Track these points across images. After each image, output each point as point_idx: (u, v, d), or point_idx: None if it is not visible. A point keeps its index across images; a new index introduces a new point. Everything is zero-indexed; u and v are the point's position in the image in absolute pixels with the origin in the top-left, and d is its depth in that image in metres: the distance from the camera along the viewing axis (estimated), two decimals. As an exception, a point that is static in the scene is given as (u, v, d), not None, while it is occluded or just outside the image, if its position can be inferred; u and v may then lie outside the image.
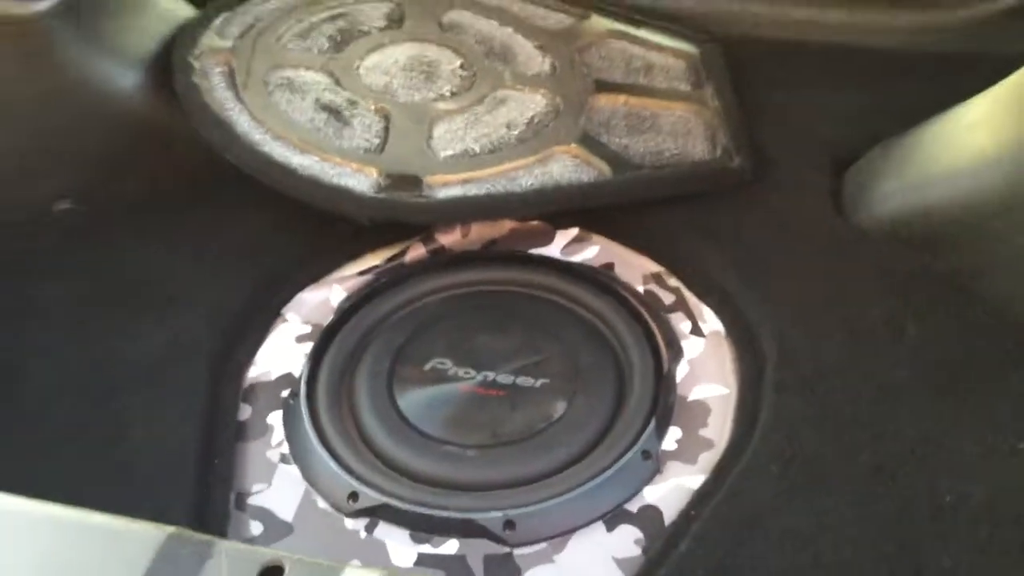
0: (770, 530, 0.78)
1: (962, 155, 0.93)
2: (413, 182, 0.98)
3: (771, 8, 1.25)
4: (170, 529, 0.57)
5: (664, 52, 1.24)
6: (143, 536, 0.57)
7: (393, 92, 1.10)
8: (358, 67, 1.13)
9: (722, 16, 1.26)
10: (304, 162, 0.99)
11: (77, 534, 0.57)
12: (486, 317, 1.01)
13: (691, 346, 0.97)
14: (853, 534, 0.77)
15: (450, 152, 1.03)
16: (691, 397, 0.93)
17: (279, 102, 1.06)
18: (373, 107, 1.07)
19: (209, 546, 0.57)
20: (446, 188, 0.99)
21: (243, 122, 1.02)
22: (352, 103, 1.07)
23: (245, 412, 0.94)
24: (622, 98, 1.14)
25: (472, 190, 0.99)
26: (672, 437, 0.89)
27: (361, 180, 0.98)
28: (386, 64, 1.13)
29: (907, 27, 1.22)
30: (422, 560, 0.82)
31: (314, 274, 1.06)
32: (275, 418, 0.93)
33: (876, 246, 0.99)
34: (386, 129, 1.05)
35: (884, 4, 1.23)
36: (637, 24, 1.27)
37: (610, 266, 1.06)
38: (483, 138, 1.05)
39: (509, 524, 0.82)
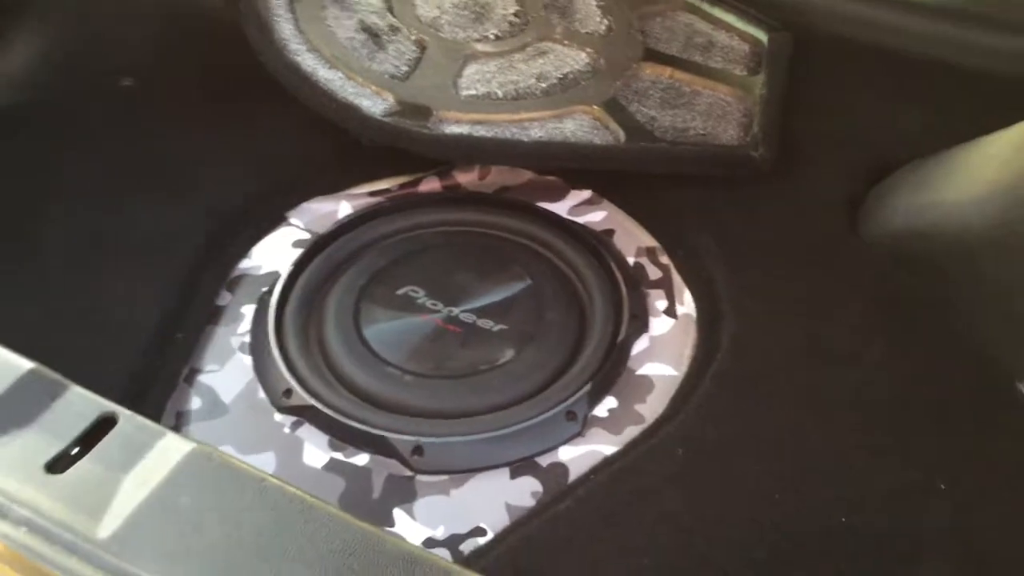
0: (653, 512, 0.77)
1: (972, 184, 0.88)
2: (423, 113, 1.01)
3: (855, 6, 1.20)
4: (30, 364, 0.62)
5: (731, 33, 1.21)
6: (4, 366, 0.62)
7: (439, 26, 1.12)
8: (416, -4, 1.16)
9: (802, 6, 1.22)
10: (329, 76, 1.03)
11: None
12: (472, 257, 1.03)
13: (660, 324, 0.97)
14: (732, 535, 0.76)
15: (472, 92, 1.05)
16: (640, 371, 0.92)
17: (326, 16, 1.10)
18: (413, 37, 1.10)
19: (62, 387, 0.62)
20: (454, 125, 1.01)
21: (286, 29, 1.06)
22: (394, 29, 1.10)
23: (225, 299, 1.00)
24: (668, 71, 1.13)
25: (479, 131, 1.01)
26: (606, 405, 0.90)
27: (375, 102, 1.01)
28: (442, -2, 1.15)
29: (993, 48, 1.15)
30: (331, 465, 0.85)
31: (328, 187, 1.10)
32: (249, 309, 0.99)
33: (871, 262, 0.96)
34: (418, 60, 1.08)
35: (976, 21, 1.16)
36: (714, 1, 1.24)
37: (610, 233, 1.06)
38: (509, 84, 1.06)
39: (418, 450, 0.85)
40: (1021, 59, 1.11)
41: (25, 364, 0.62)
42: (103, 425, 0.60)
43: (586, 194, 1.10)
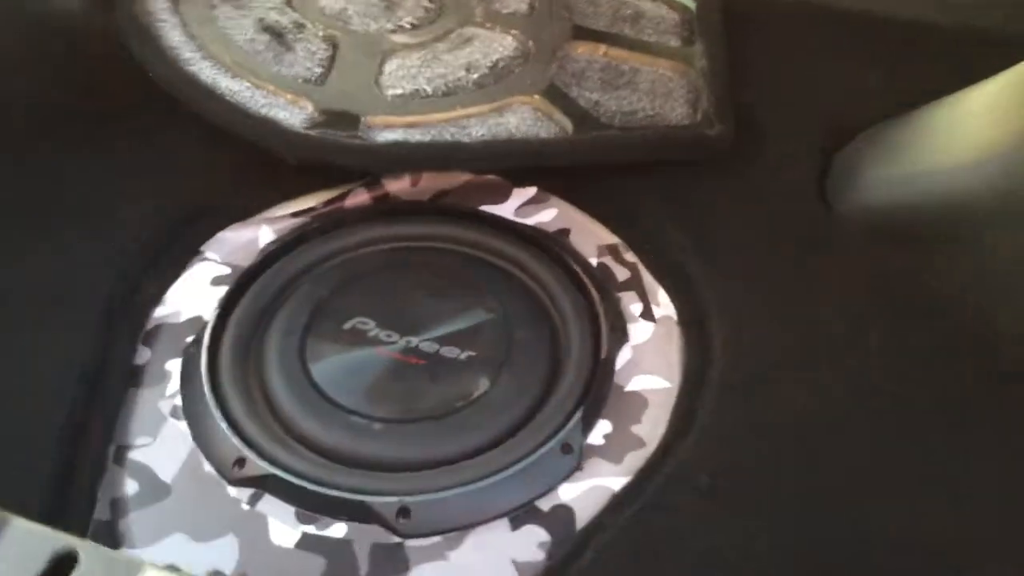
0: (687, 551, 0.69)
1: (959, 147, 0.83)
2: (350, 121, 0.89)
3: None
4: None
5: (657, 1, 1.13)
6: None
7: (347, 18, 1.00)
8: (314, -13, 1.03)
9: (727, -33, 1.14)
10: (234, 87, 0.90)
11: None
12: (422, 276, 0.92)
13: (639, 331, 0.88)
14: (784, 566, 0.69)
15: (399, 91, 0.94)
16: (628, 388, 0.84)
17: (218, 17, 0.96)
18: (321, 33, 0.98)
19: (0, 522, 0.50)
20: (387, 131, 0.90)
21: (173, 36, 0.93)
22: (299, 26, 0.97)
23: (143, 356, 0.86)
24: (602, 48, 1.04)
25: (415, 136, 0.90)
26: (600, 431, 0.81)
27: (293, 113, 0.89)
28: (345, -14, 1.03)
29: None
30: (305, 542, 0.74)
31: (243, 211, 0.97)
32: (175, 365, 0.86)
33: (853, 240, 0.89)
34: (332, 59, 0.96)
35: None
36: (633, -32, 1.16)
37: (565, 232, 0.97)
38: (438, 79, 0.95)
39: (404, 512, 0.74)
40: (963, 8, 1.07)
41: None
42: (61, 566, 0.49)
43: (531, 191, 1.00)
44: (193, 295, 0.91)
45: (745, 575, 0.68)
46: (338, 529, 0.75)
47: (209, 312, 0.88)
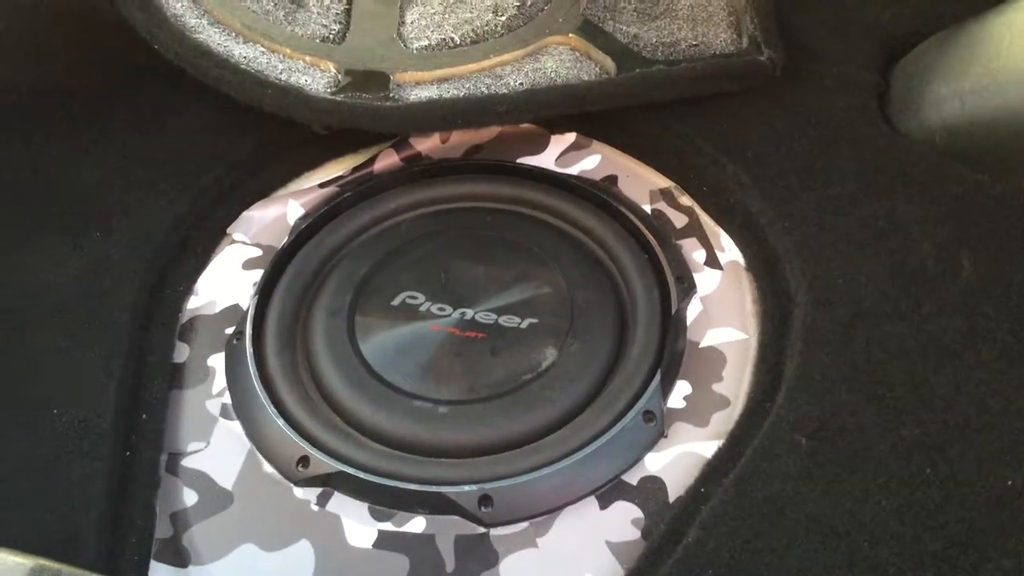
0: (795, 520, 0.64)
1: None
2: (378, 81, 0.82)
3: None
4: (30, 562, 0.45)
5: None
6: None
7: (359, -33, 0.92)
8: (319, -64, 0.95)
9: None
10: (248, 53, 0.83)
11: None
12: (466, 241, 0.86)
13: (705, 280, 0.83)
14: (894, 527, 0.64)
15: (424, 43, 0.87)
16: (703, 343, 0.79)
17: (221, -22, 0.89)
18: (333, -15, 0.90)
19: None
20: (418, 88, 0.83)
21: (176, 3, 0.85)
22: (308, -20, 0.90)
23: (182, 353, 0.81)
24: (632, -26, 0.97)
25: (450, 91, 0.83)
26: (680, 393, 0.76)
27: (315, 77, 0.82)
28: (352, -68, 0.95)
29: None
30: (384, 540, 0.69)
31: (266, 186, 0.91)
32: (217, 360, 0.80)
33: (927, 161, 0.83)
34: (348, 12, 0.88)
35: None
36: None
37: (613, 180, 0.91)
38: (465, 25, 0.88)
39: (485, 499, 0.69)
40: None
41: (23, 564, 0.45)
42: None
43: (570, 138, 0.94)
44: (226, 282, 0.85)
45: (857, 541, 0.64)
46: (417, 523, 0.70)
47: (246, 299, 0.83)
